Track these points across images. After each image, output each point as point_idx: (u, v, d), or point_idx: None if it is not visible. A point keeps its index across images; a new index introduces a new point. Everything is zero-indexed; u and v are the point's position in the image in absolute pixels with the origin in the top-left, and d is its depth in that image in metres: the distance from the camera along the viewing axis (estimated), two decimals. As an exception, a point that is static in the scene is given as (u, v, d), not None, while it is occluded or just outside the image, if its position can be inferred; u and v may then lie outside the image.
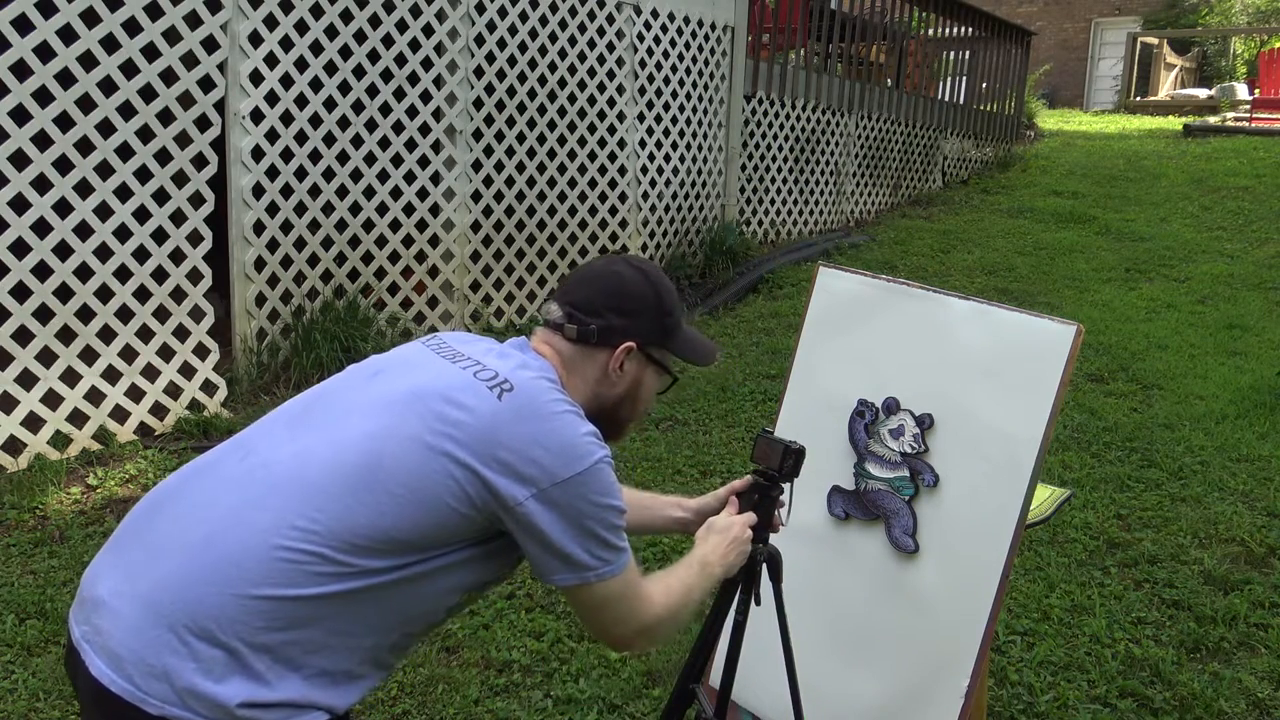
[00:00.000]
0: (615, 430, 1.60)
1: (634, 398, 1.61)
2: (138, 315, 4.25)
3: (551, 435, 1.39)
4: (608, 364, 1.55)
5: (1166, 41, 18.47)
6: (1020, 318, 1.98)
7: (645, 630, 1.53)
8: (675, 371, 1.64)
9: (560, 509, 1.38)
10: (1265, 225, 8.66)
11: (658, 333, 1.58)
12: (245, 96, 4.52)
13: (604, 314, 1.55)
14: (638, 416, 1.64)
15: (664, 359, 1.62)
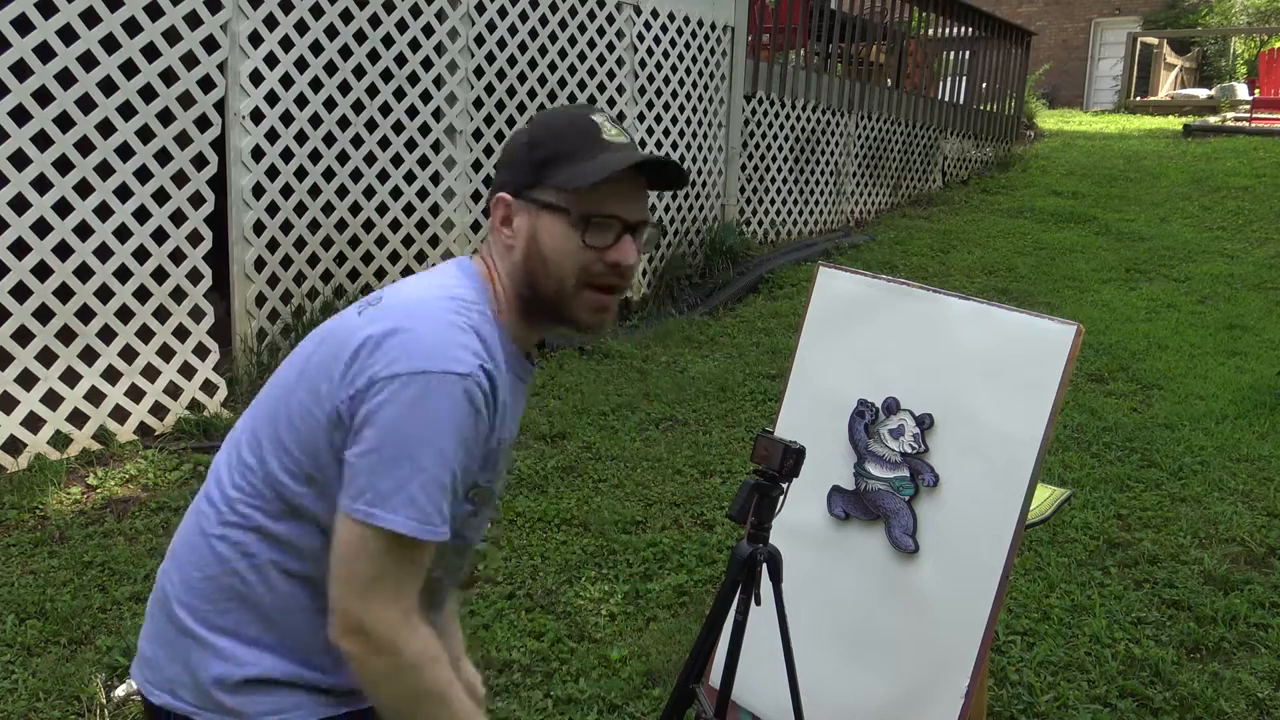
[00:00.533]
0: (555, 311, 1.33)
1: (539, 256, 1.30)
2: (138, 315, 4.24)
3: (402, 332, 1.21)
4: (497, 229, 1.34)
5: (1166, 41, 18.47)
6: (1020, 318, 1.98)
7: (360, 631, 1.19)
8: (570, 204, 1.29)
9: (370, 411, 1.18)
10: (1265, 225, 8.66)
11: (530, 172, 1.31)
12: (245, 96, 4.52)
13: (496, 175, 1.37)
14: (564, 281, 1.30)
15: (549, 196, 1.30)
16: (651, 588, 3.32)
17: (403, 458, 1.17)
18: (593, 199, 1.29)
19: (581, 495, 3.97)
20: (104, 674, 2.75)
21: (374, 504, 1.16)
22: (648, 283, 6.73)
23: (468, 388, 1.19)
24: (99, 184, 4.07)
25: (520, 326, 1.35)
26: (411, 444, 1.17)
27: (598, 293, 1.31)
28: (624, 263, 1.31)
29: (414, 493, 1.17)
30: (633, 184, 1.34)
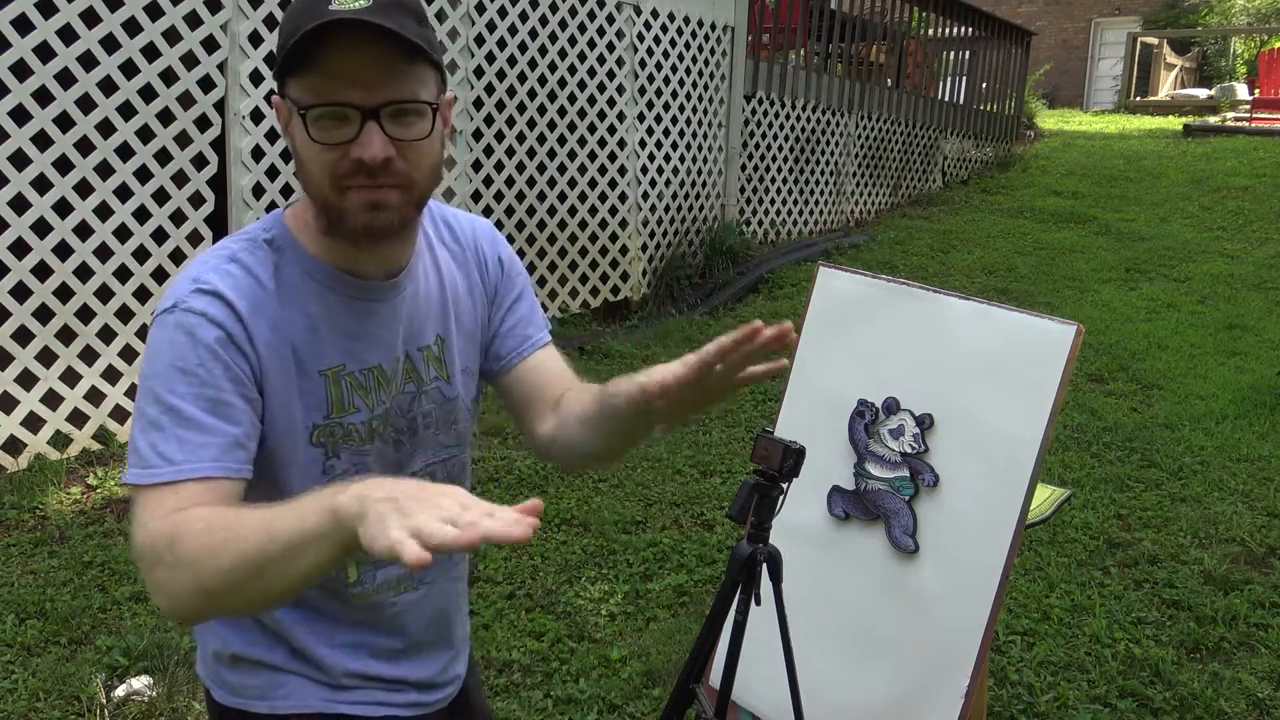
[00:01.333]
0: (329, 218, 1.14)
1: (298, 161, 1.16)
2: (138, 315, 4.24)
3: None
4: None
5: (1166, 41, 18.47)
6: (1020, 318, 1.98)
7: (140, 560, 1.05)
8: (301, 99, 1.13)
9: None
10: (1265, 225, 8.66)
11: (280, 65, 1.14)
12: (245, 96, 4.52)
13: None
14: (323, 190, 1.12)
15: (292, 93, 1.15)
16: (651, 588, 3.32)
17: (137, 408, 1.10)
18: (316, 86, 1.10)
19: (581, 495, 3.97)
20: (104, 674, 2.75)
21: (127, 460, 1.11)
22: (648, 283, 6.72)
23: (178, 319, 1.09)
24: (99, 184, 4.07)
25: (330, 242, 1.18)
26: (141, 392, 1.11)
27: (360, 191, 1.11)
28: (365, 158, 1.08)
29: (137, 440, 1.08)
30: (367, 57, 1.08)
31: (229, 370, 1.10)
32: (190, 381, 1.08)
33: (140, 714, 2.65)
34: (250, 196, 4.60)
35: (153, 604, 3.12)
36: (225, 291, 1.12)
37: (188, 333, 1.09)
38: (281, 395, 1.15)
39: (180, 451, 1.06)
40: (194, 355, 1.09)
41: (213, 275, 1.13)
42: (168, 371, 1.08)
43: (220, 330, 1.10)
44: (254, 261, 1.16)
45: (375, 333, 1.23)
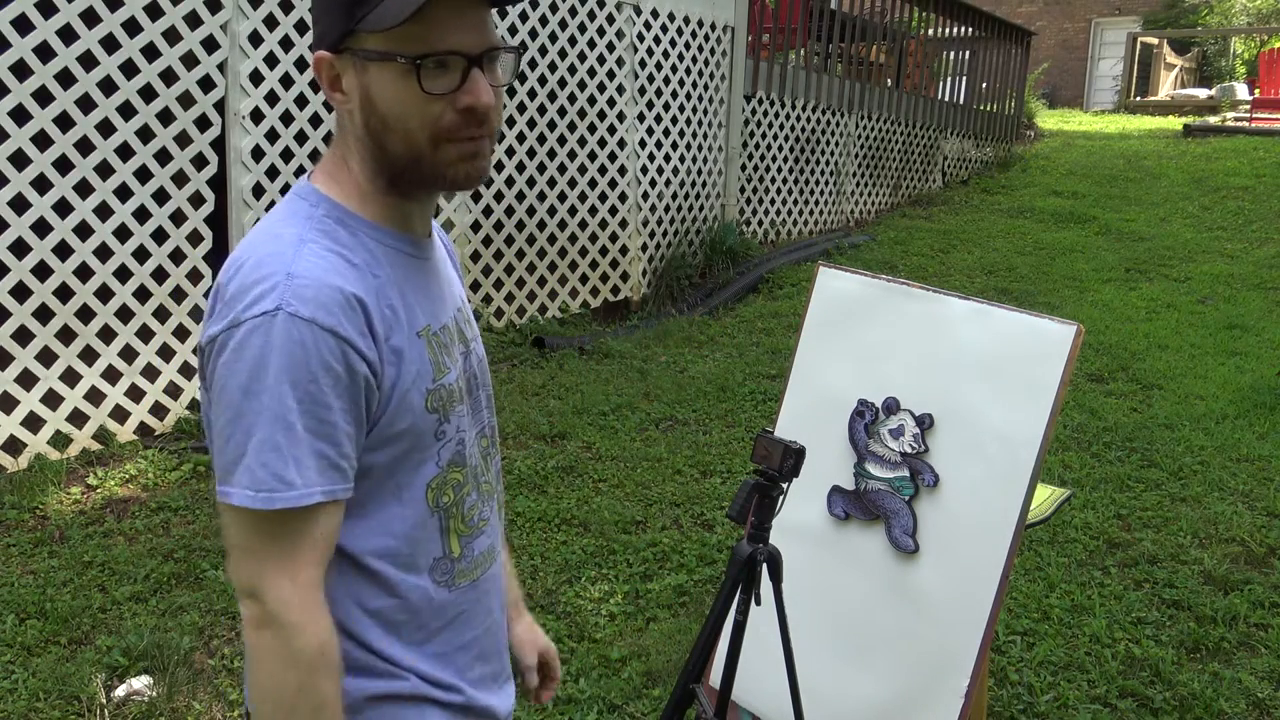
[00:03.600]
0: (414, 174, 1.11)
1: (382, 117, 1.08)
2: (138, 315, 4.24)
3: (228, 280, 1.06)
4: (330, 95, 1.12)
5: (1166, 41, 18.47)
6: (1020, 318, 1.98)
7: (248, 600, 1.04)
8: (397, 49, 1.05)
9: (212, 381, 1.05)
10: (1265, 225, 8.66)
11: (341, 14, 1.06)
12: (245, 96, 4.52)
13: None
14: (414, 139, 1.08)
15: (378, 45, 1.06)
16: (651, 588, 3.32)
17: (232, 424, 1.01)
18: (420, 35, 1.05)
19: (581, 495, 3.97)
20: (104, 674, 2.75)
21: (222, 481, 1.03)
22: (648, 283, 6.73)
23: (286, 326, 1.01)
24: (99, 184, 4.07)
25: (392, 203, 1.14)
26: (237, 406, 1.01)
27: (462, 143, 1.09)
28: (479, 105, 1.07)
29: (249, 460, 1.00)
30: (468, 4, 1.07)
31: (339, 382, 1.03)
32: (304, 398, 1.01)
33: (140, 714, 2.65)
34: (250, 196, 4.60)
35: (152, 604, 3.12)
36: (333, 281, 1.04)
37: (298, 341, 1.00)
38: (397, 370, 1.10)
39: (299, 475, 1.01)
40: (305, 368, 1.01)
41: (307, 265, 1.03)
42: (279, 387, 1.00)
43: (333, 335, 1.02)
44: (329, 240, 1.08)
45: (437, 291, 1.20)
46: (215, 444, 1.04)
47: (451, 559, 1.21)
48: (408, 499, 1.14)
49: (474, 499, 1.24)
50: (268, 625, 1.03)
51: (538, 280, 6.11)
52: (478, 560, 1.25)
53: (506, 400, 4.90)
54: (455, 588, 1.21)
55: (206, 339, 1.04)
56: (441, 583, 1.20)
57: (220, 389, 1.02)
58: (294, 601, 1.03)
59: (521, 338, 5.81)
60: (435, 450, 1.16)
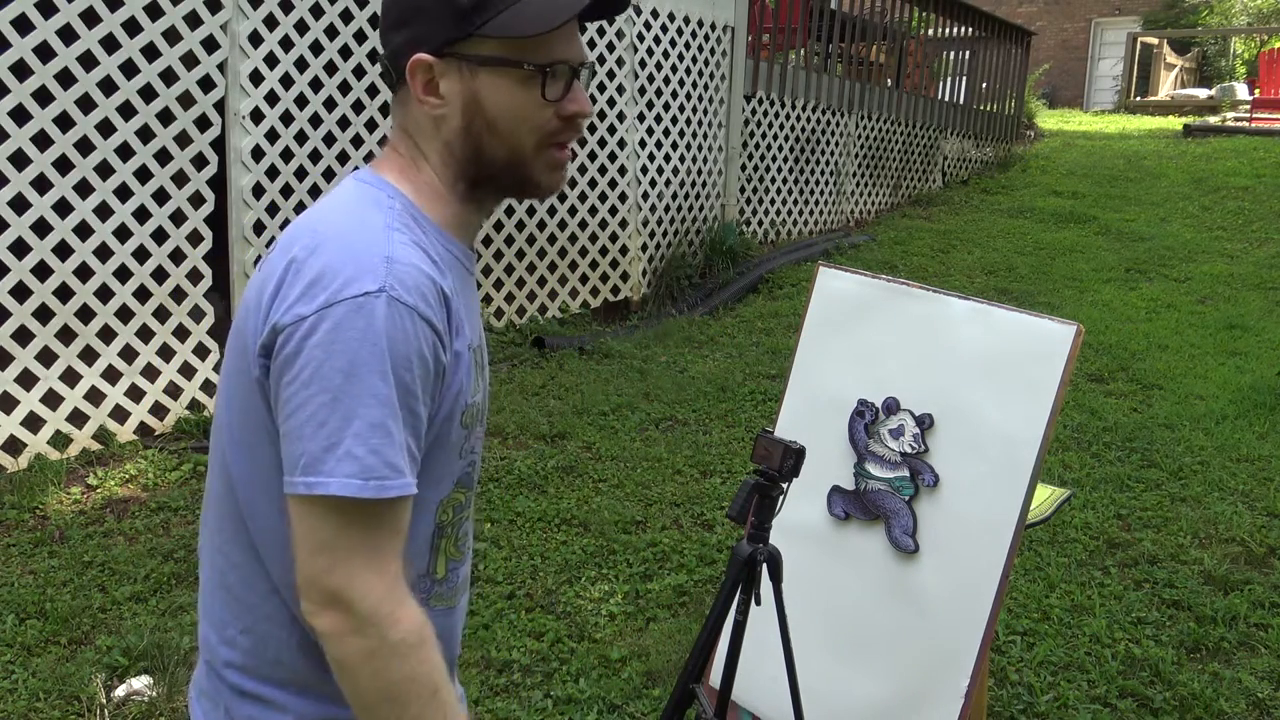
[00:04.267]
0: (511, 180, 1.13)
1: (487, 124, 1.08)
2: (138, 315, 4.24)
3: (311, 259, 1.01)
4: (419, 101, 1.10)
5: (1166, 41, 18.47)
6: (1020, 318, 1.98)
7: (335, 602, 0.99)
8: (526, 57, 1.08)
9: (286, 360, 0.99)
10: (1265, 225, 8.66)
11: (453, 21, 1.06)
12: (245, 96, 4.52)
13: (389, 37, 1.11)
14: (521, 145, 1.10)
15: (495, 52, 1.07)
16: (651, 588, 3.32)
17: (328, 408, 0.96)
18: (541, 45, 1.07)
19: (581, 495, 3.97)
20: (104, 674, 2.75)
21: (310, 471, 0.96)
22: (648, 283, 6.73)
23: (389, 310, 0.98)
24: (99, 184, 4.07)
25: (462, 211, 1.14)
26: (337, 389, 0.96)
27: (556, 150, 1.12)
28: (584, 113, 1.12)
29: (350, 446, 0.96)
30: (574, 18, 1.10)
31: (429, 373, 1.02)
32: (399, 385, 0.98)
33: (140, 714, 2.65)
34: (250, 196, 4.60)
35: (152, 604, 3.12)
36: (427, 270, 1.02)
37: (403, 329, 0.98)
38: (454, 377, 1.08)
39: (405, 463, 0.99)
40: (406, 353, 0.98)
41: (402, 252, 1.01)
42: (382, 367, 0.96)
43: (429, 326, 1.01)
44: (410, 233, 1.06)
45: (477, 307, 1.18)
46: (298, 431, 0.97)
47: (434, 579, 1.18)
48: (421, 511, 1.11)
49: (467, 525, 1.22)
50: (360, 632, 0.98)
51: (538, 280, 6.11)
52: (458, 587, 1.23)
53: (506, 400, 4.90)
54: (430, 609, 1.15)
55: (291, 319, 0.97)
56: (419, 601, 1.13)
57: (314, 371, 0.96)
58: (386, 596, 0.98)
59: (521, 338, 5.81)
60: (456, 467, 1.15)
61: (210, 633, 1.17)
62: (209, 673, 1.18)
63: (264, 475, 1.06)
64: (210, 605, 1.17)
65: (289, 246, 1.04)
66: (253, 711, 1.13)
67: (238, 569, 1.13)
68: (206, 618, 1.18)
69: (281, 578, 1.09)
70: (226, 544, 1.14)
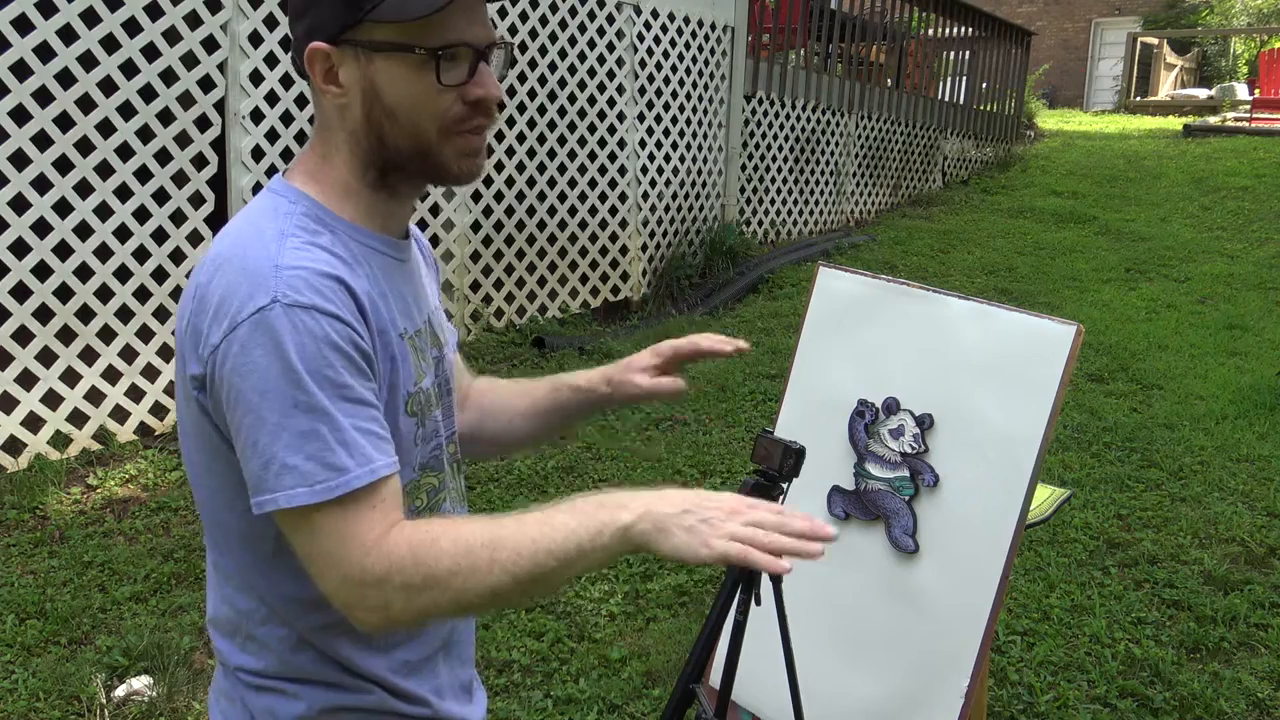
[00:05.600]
0: (417, 167, 1.10)
1: (387, 111, 1.06)
2: (138, 315, 4.24)
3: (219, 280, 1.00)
4: (320, 89, 1.07)
5: (1166, 41, 18.47)
6: (1020, 318, 1.98)
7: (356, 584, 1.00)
8: (414, 40, 1.04)
9: (229, 387, 0.98)
10: (1265, 225, 8.66)
11: (343, 11, 1.03)
12: (245, 96, 4.52)
13: (293, 28, 1.09)
14: (423, 131, 1.07)
15: (389, 37, 1.04)
16: (651, 588, 3.32)
17: (256, 428, 0.97)
18: (434, 27, 1.03)
19: (581, 495, 3.97)
20: (104, 674, 2.75)
21: (258, 491, 0.98)
22: (648, 283, 6.73)
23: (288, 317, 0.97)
24: (99, 184, 4.07)
25: (376, 200, 1.12)
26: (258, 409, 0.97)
27: (468, 136, 1.09)
28: (489, 97, 1.08)
29: (285, 458, 0.96)
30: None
31: (352, 362, 1.01)
32: (321, 384, 0.98)
33: (140, 714, 2.65)
34: (250, 196, 4.59)
35: (152, 604, 3.12)
36: (321, 268, 1.01)
37: (302, 330, 0.97)
38: (384, 369, 1.08)
39: (350, 458, 0.98)
40: (315, 353, 0.97)
41: (293, 256, 1.00)
42: (294, 375, 0.96)
43: (334, 318, 1.00)
44: (310, 235, 1.05)
45: (415, 293, 1.18)
46: (243, 455, 0.99)
47: None
48: None
49: (448, 506, 1.23)
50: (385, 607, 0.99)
51: (538, 280, 6.11)
52: None
53: (506, 400, 4.90)
54: None
55: (208, 351, 0.99)
56: None
57: (237, 395, 0.97)
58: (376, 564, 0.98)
59: (522, 338, 5.81)
60: (415, 454, 1.14)
61: (219, 640, 1.19)
62: (225, 674, 1.20)
63: (225, 492, 1.07)
64: (216, 613, 1.20)
65: (198, 271, 1.05)
66: (269, 702, 1.15)
67: (230, 580, 1.15)
68: (214, 625, 1.20)
69: (264, 587, 1.11)
70: (220, 557, 1.15)
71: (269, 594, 1.11)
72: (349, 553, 0.98)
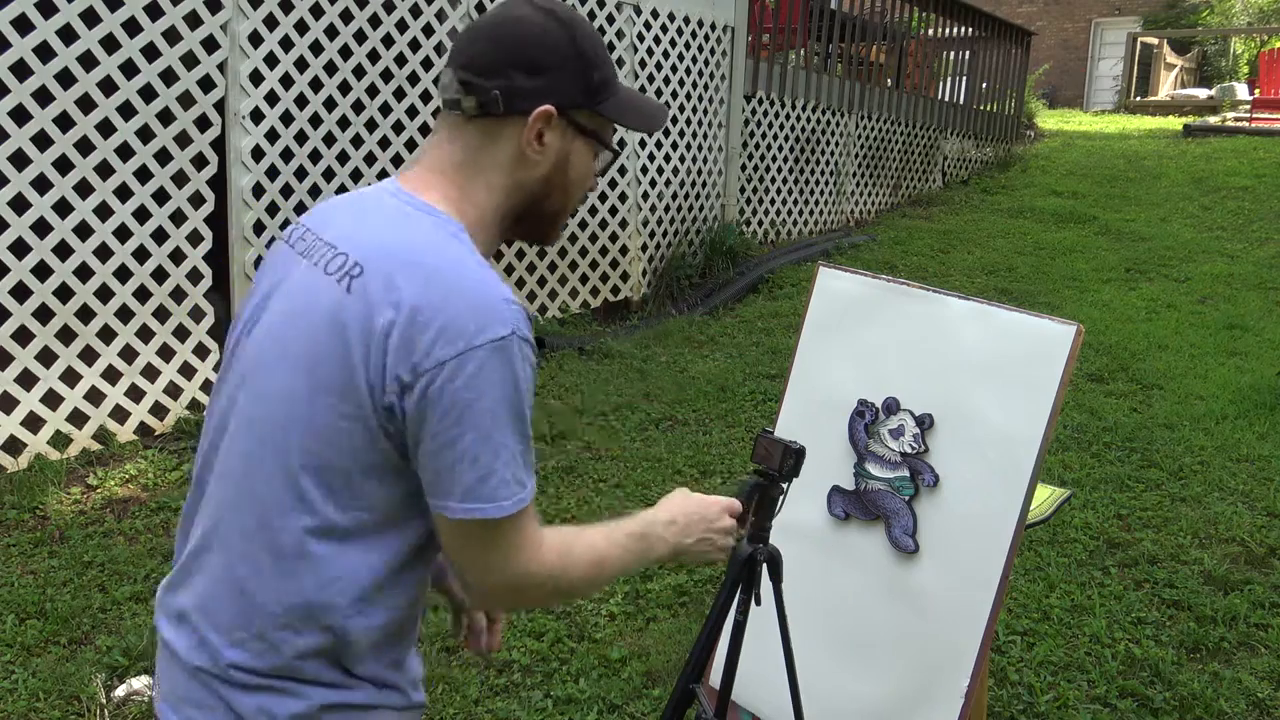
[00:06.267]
0: (543, 227, 1.29)
1: (563, 181, 1.24)
2: (138, 315, 4.24)
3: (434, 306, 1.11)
4: (521, 139, 1.20)
5: (1166, 41, 18.47)
6: (1020, 318, 1.98)
7: (521, 585, 1.18)
8: (613, 143, 1.28)
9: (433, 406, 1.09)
10: (1265, 225, 8.66)
11: (581, 92, 1.21)
12: (245, 96, 4.52)
13: (507, 73, 1.18)
14: (571, 205, 1.28)
15: (596, 126, 1.24)
16: (651, 588, 3.32)
17: (480, 444, 1.09)
18: (611, 132, 1.28)
19: (581, 495, 3.97)
20: (104, 674, 2.75)
21: (469, 498, 1.10)
22: (648, 283, 6.73)
23: (520, 349, 1.11)
24: (99, 184, 4.07)
25: (492, 241, 1.25)
26: (486, 427, 1.09)
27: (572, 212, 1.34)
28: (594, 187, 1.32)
29: (502, 474, 1.10)
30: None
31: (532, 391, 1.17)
32: (527, 410, 1.13)
33: (140, 714, 2.65)
34: (250, 196, 4.60)
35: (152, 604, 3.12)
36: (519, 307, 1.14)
37: (527, 362, 1.12)
38: None
39: (528, 476, 1.14)
40: (529, 385, 1.13)
41: (507, 290, 1.13)
42: (518, 402, 1.11)
43: (536, 355, 1.16)
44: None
45: None
46: (452, 464, 1.09)
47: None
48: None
49: None
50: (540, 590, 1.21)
51: (538, 280, 6.11)
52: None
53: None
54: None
55: (431, 364, 1.07)
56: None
57: (463, 411, 1.08)
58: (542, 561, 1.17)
59: (521, 338, 5.80)
60: None
61: (212, 636, 1.18)
62: (191, 676, 1.19)
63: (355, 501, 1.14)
64: (214, 609, 1.19)
65: (388, 284, 1.11)
66: (264, 700, 1.16)
67: (262, 577, 1.16)
68: (207, 621, 1.19)
69: (319, 591, 1.15)
70: (257, 552, 1.16)
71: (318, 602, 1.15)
72: (520, 557, 1.15)
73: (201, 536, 1.22)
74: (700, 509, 1.44)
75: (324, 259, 1.18)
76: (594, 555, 1.24)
